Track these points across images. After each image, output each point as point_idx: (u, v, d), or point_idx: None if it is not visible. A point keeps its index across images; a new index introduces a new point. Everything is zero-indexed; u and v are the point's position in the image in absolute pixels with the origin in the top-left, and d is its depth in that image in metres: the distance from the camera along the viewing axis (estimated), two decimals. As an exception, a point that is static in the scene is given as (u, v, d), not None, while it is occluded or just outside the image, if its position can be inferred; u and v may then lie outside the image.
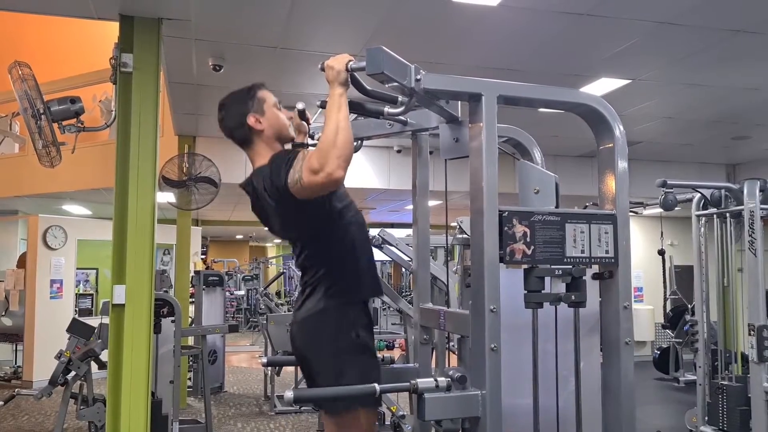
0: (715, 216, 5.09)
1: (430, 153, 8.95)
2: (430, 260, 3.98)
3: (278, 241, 23.74)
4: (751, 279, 4.50)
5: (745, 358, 4.86)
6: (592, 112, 1.99)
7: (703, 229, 5.29)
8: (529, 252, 1.82)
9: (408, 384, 1.77)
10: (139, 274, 3.73)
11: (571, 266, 1.86)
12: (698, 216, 5.27)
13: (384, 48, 1.65)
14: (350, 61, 1.83)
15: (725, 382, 4.84)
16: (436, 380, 1.78)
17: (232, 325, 6.36)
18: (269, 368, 7.16)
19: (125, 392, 3.63)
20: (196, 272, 8.10)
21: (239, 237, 22.12)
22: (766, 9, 3.80)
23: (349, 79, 1.86)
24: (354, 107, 1.99)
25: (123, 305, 3.68)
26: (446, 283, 3.72)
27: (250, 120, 2.17)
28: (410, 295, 11.35)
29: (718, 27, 4.05)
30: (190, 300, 8.24)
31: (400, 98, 2.01)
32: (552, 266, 1.84)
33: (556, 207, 1.92)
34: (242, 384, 8.54)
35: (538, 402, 1.87)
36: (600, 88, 5.19)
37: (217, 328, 6.12)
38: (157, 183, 3.88)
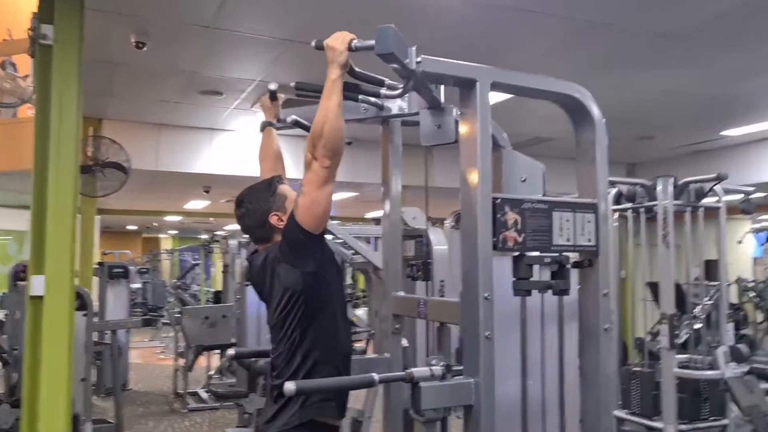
0: (630, 211, 5.37)
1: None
2: (372, 251, 3.93)
3: (174, 232, 22.89)
4: (664, 271, 4.78)
5: (645, 349, 5.19)
6: (572, 101, 2.01)
7: (616, 223, 5.57)
8: (520, 239, 1.82)
9: (404, 373, 1.74)
10: (59, 264, 3.44)
11: (558, 254, 1.88)
12: (614, 210, 5.54)
13: (394, 27, 1.59)
14: (353, 39, 1.75)
15: (638, 369, 5.12)
16: (431, 369, 1.75)
17: (147, 320, 6.06)
18: (180, 365, 6.88)
19: (44, 391, 3.34)
20: (99, 264, 7.63)
21: (131, 228, 21.10)
22: (696, 14, 4.01)
23: (349, 60, 1.78)
24: (350, 89, 1.91)
25: (41, 297, 3.40)
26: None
27: (273, 219, 2.09)
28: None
29: (645, 30, 4.25)
30: (91, 293, 7.76)
31: (387, 81, 1.96)
32: (541, 254, 1.86)
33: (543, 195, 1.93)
34: (147, 381, 8.15)
35: (527, 389, 1.88)
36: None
37: (128, 322, 5.80)
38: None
